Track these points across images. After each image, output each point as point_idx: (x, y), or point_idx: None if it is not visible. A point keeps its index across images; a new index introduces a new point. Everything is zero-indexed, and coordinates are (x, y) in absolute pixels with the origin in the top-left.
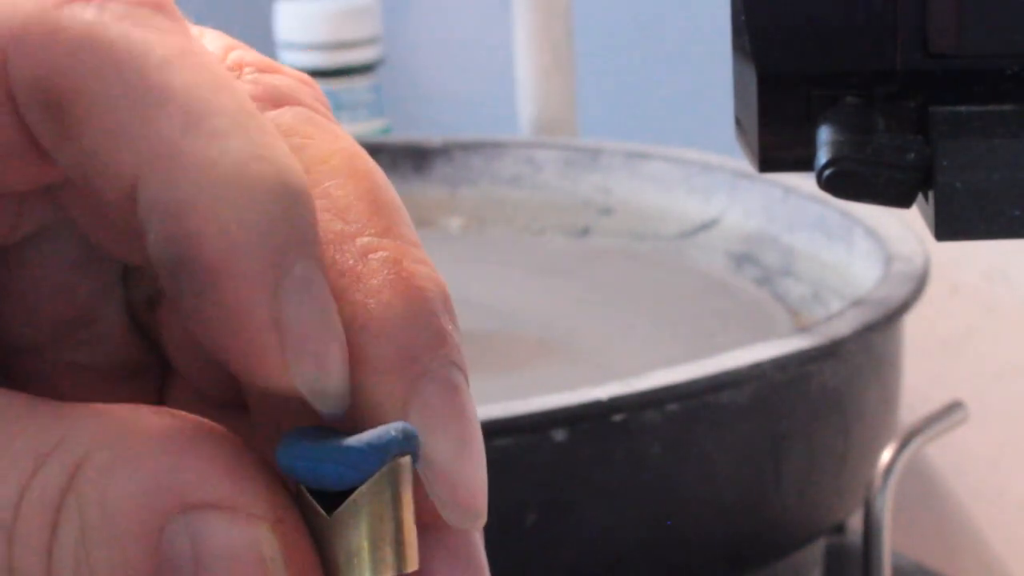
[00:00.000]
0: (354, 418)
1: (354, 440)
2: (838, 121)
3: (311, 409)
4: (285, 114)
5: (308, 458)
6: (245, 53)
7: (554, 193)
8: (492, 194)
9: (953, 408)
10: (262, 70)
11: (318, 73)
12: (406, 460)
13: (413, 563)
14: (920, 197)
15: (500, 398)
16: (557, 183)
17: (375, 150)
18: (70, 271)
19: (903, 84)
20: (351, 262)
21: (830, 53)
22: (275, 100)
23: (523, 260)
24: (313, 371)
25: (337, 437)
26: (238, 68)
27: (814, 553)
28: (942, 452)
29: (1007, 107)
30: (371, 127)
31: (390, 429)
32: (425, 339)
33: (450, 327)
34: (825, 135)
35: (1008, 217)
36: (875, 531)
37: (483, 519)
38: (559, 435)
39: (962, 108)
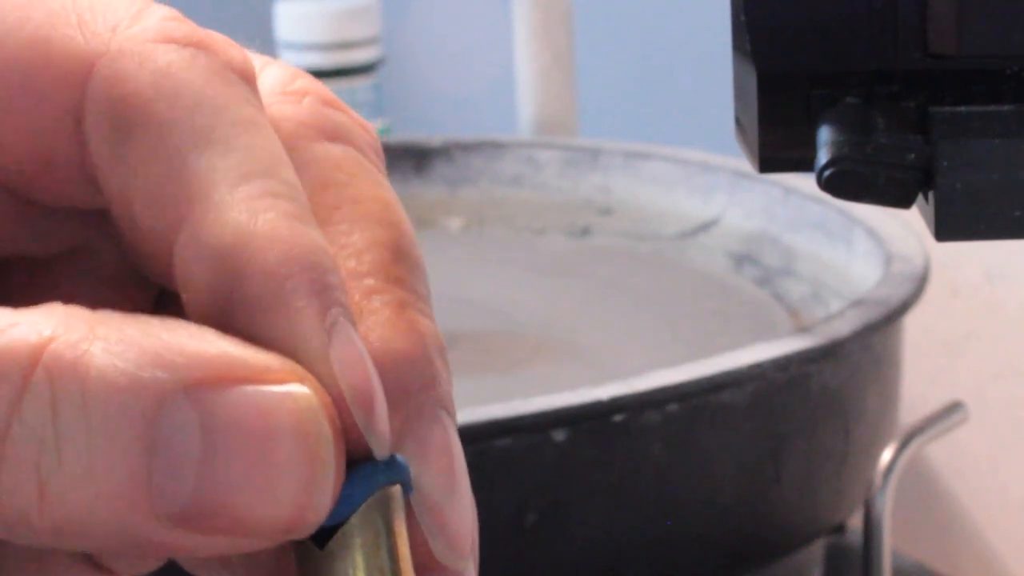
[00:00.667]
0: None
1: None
2: (838, 121)
3: None
4: (336, 149)
5: None
6: (310, 83)
7: (554, 193)
8: (492, 194)
9: (953, 408)
10: (325, 103)
11: (318, 73)
12: (396, 490)
13: None
14: (920, 197)
15: (500, 398)
16: (557, 183)
17: None
18: (104, 290)
19: (903, 84)
20: (356, 298)
21: (830, 53)
22: (329, 134)
23: (523, 260)
24: (364, 414)
25: None
26: (300, 96)
27: (814, 553)
28: (942, 452)
29: (1007, 107)
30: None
31: (377, 461)
32: (420, 379)
33: (444, 374)
34: (825, 135)
35: (1008, 217)
36: (875, 531)
37: (471, 563)
38: (559, 435)
39: (962, 108)
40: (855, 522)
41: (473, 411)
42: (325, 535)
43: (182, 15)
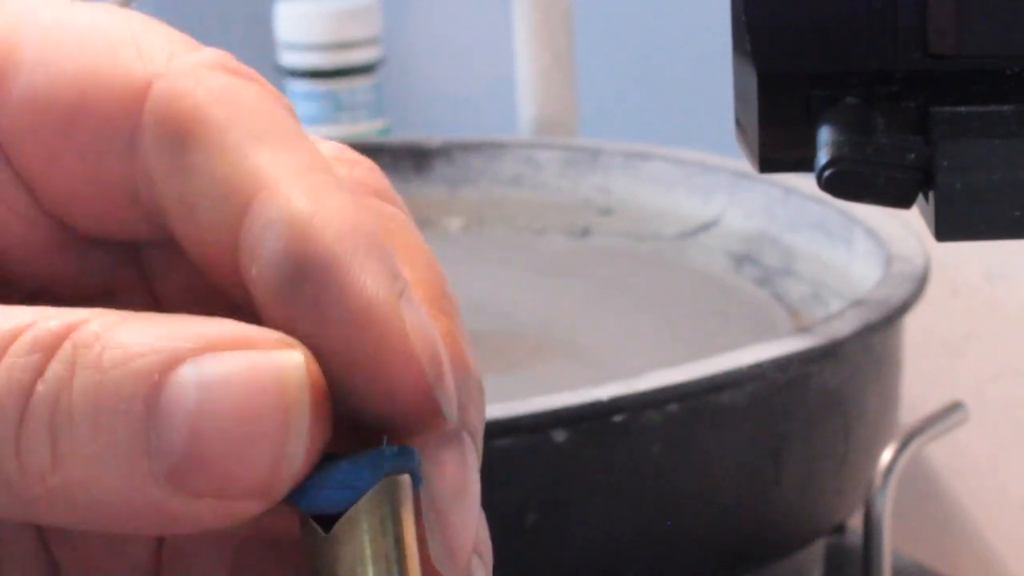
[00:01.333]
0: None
1: (348, 460)
2: (838, 121)
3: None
4: (385, 205)
5: (304, 484)
6: (359, 156)
7: (554, 193)
8: (492, 194)
9: (953, 408)
10: (373, 170)
11: (318, 73)
12: (405, 479)
13: None
14: (920, 197)
15: (500, 398)
16: (557, 183)
17: (375, 150)
18: None
19: (903, 84)
20: None
21: (830, 53)
22: (380, 195)
23: (523, 260)
24: (435, 370)
25: (336, 461)
26: (352, 163)
27: (814, 553)
28: (942, 452)
29: (1007, 107)
30: (371, 127)
31: (385, 448)
32: (457, 400)
33: (479, 409)
34: (825, 135)
35: (1008, 217)
36: (875, 531)
37: None
38: (559, 435)
39: (962, 108)
40: (855, 522)
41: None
42: (332, 520)
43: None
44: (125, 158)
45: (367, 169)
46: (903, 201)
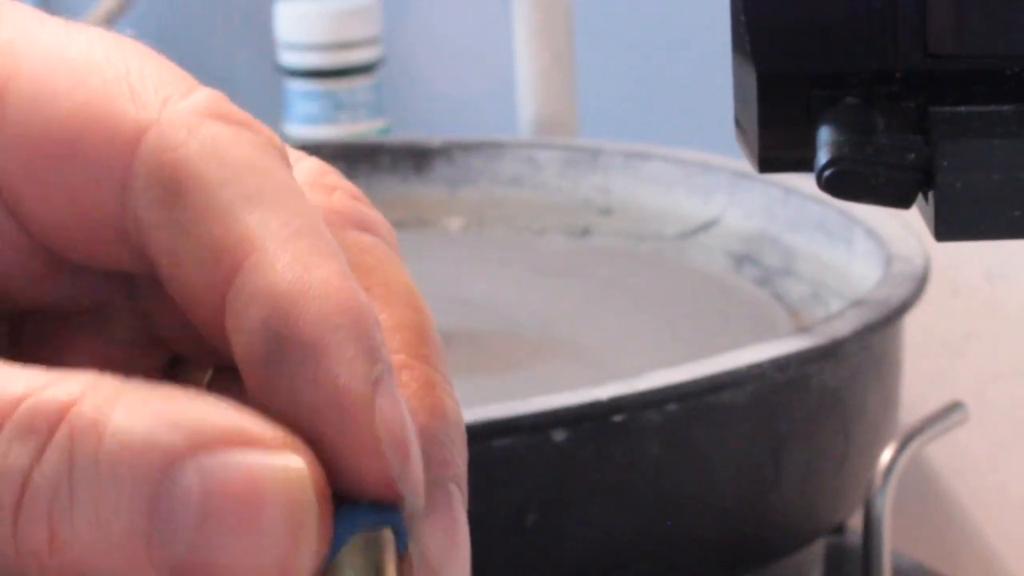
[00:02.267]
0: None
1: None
2: (838, 121)
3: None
4: (366, 237)
5: None
6: (339, 179)
7: (554, 193)
8: (492, 194)
9: (953, 408)
10: (353, 196)
11: (318, 73)
12: (386, 533)
13: None
14: (920, 197)
15: (500, 398)
16: (557, 183)
17: (375, 150)
18: (115, 351)
19: (903, 84)
20: None
21: (830, 53)
22: (358, 224)
23: (523, 260)
24: (399, 462)
25: None
26: (331, 189)
27: (814, 553)
28: (942, 452)
29: (1007, 107)
30: (371, 127)
31: (361, 504)
32: (439, 454)
33: (461, 456)
34: (825, 135)
35: (1008, 217)
36: (875, 531)
37: None
38: (559, 435)
39: (962, 108)
40: (855, 522)
41: (473, 411)
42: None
43: (227, 97)
44: (116, 201)
45: (348, 196)
46: (903, 201)
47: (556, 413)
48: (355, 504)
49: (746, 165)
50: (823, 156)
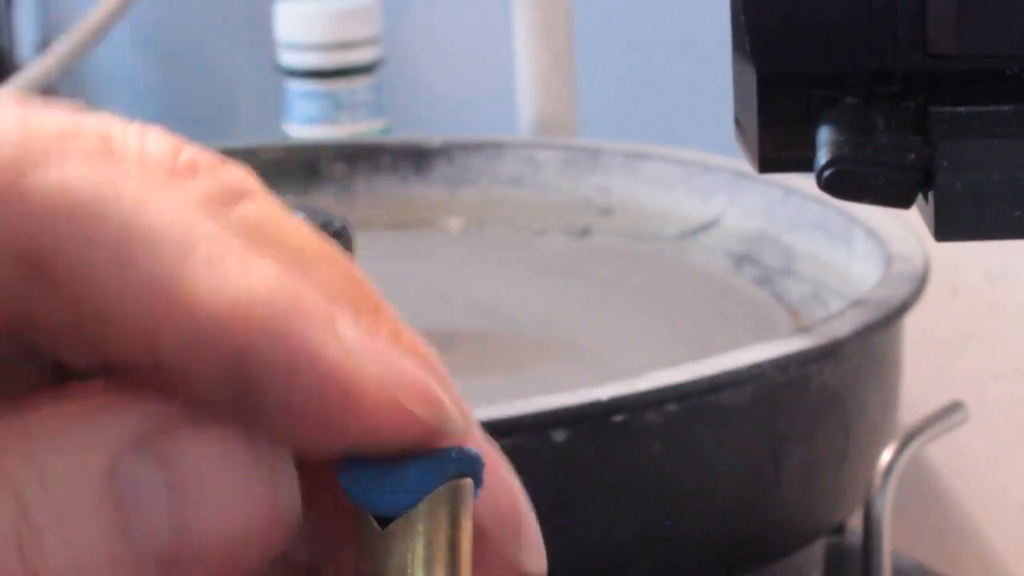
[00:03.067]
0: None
1: (412, 463)
2: (838, 121)
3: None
4: (250, 207)
5: (365, 483)
6: (194, 153)
7: (554, 193)
8: (492, 194)
9: (953, 408)
10: (213, 167)
11: (318, 73)
12: (467, 482)
13: None
14: (920, 197)
15: (500, 398)
16: (557, 183)
17: (375, 150)
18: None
19: (903, 84)
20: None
21: (830, 53)
22: (235, 196)
23: (523, 260)
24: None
25: (401, 463)
26: (193, 169)
27: (814, 553)
28: (942, 452)
29: (1007, 107)
30: (371, 127)
31: (450, 451)
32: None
33: (448, 387)
34: (825, 135)
35: (1008, 217)
36: (875, 531)
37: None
38: (559, 435)
39: (962, 108)
40: (855, 522)
41: (473, 411)
42: (390, 516)
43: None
44: None
45: (208, 171)
46: (903, 201)
47: (556, 413)
48: (437, 454)
49: (746, 165)
50: (823, 156)
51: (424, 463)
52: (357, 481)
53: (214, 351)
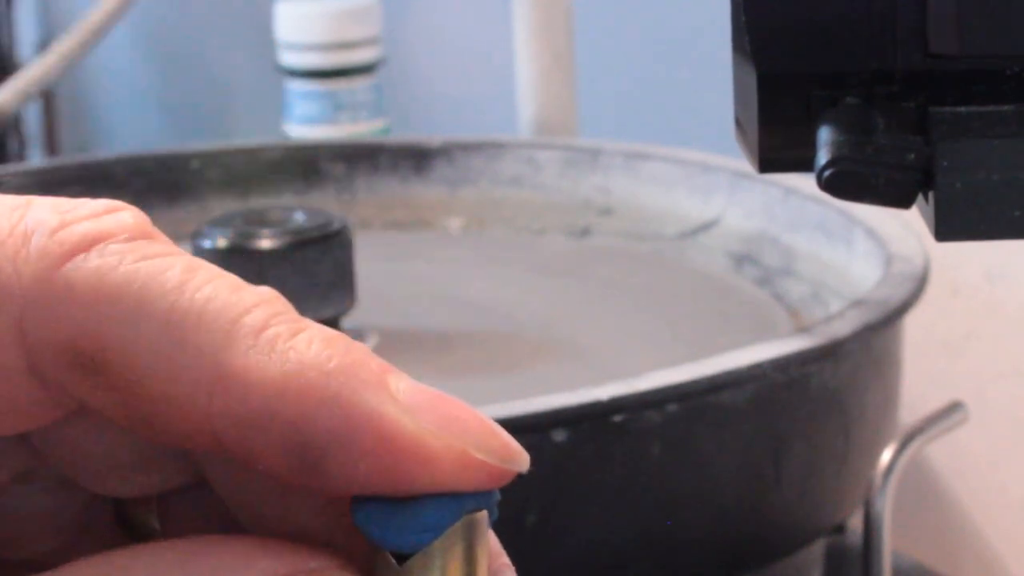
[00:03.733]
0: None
1: (428, 500)
2: (838, 121)
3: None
4: (100, 262)
5: (381, 521)
6: (30, 208)
7: (554, 193)
8: (492, 194)
9: (953, 408)
10: (55, 230)
11: (318, 73)
12: (482, 515)
13: None
14: (920, 197)
15: (500, 398)
16: (557, 183)
17: (375, 150)
18: (51, 507)
19: (903, 84)
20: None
21: (830, 53)
22: (85, 246)
23: (523, 260)
24: (497, 451)
25: (419, 500)
26: (28, 235)
27: (814, 553)
28: (942, 452)
29: (1007, 107)
30: (371, 127)
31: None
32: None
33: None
34: (825, 135)
35: (1008, 217)
36: (875, 531)
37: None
38: (559, 435)
39: (962, 108)
40: (855, 522)
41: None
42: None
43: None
44: (27, 380)
45: (45, 231)
46: (903, 201)
47: (556, 413)
48: (454, 492)
49: (746, 165)
50: (823, 156)
51: (441, 500)
52: (373, 519)
53: (272, 423)
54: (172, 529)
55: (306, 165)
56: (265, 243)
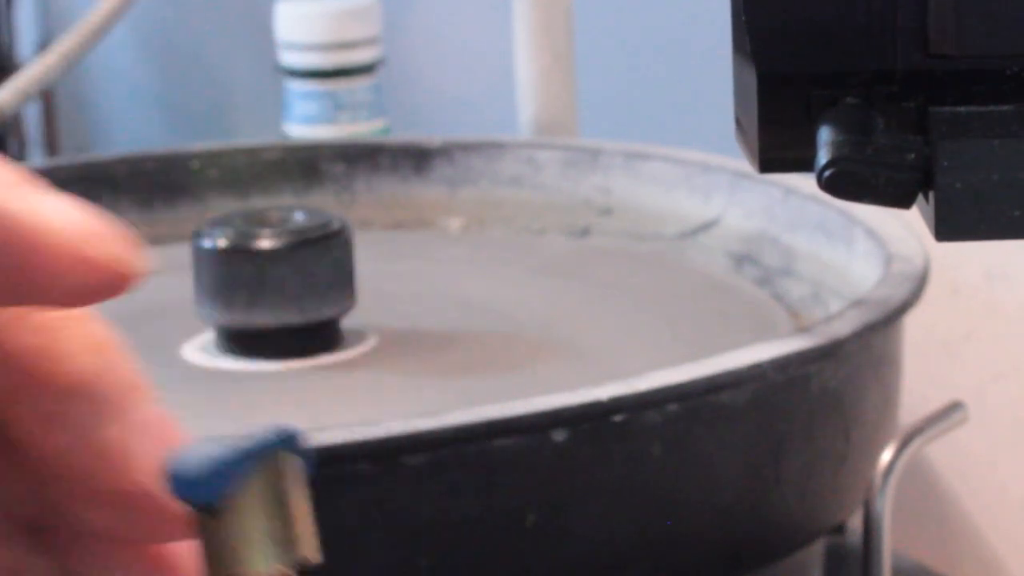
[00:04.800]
0: None
1: (229, 451)
2: (838, 121)
3: None
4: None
5: (187, 482)
6: None
7: (554, 193)
8: (492, 194)
9: (953, 408)
10: None
11: (318, 73)
12: (288, 458)
13: (312, 553)
14: (920, 197)
15: (500, 398)
16: (557, 183)
17: (375, 150)
18: None
19: (903, 84)
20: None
21: (830, 53)
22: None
23: (523, 260)
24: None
25: (217, 448)
26: None
27: (814, 553)
28: (942, 452)
29: (1007, 107)
30: (371, 127)
31: (267, 433)
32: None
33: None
34: (825, 136)
35: (1008, 217)
36: (875, 531)
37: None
38: (559, 435)
39: (962, 108)
40: (855, 522)
41: (473, 411)
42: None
43: None
44: None
45: None
46: (903, 201)
47: (556, 413)
48: (249, 436)
49: (746, 165)
50: (823, 156)
51: (238, 449)
52: (180, 482)
53: None
54: None
55: (306, 165)
56: (265, 243)
